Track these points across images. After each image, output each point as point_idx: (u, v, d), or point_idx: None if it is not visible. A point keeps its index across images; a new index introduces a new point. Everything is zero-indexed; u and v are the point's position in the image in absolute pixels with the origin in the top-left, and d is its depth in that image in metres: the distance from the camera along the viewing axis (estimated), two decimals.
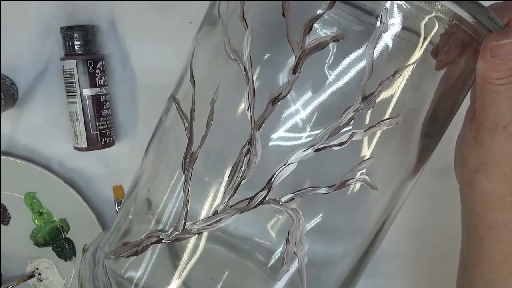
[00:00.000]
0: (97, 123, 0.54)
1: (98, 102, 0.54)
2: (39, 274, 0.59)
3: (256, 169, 0.31)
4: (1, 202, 0.58)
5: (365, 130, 0.31)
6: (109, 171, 0.58)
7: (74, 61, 0.53)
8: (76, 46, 0.53)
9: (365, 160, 0.32)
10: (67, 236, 0.58)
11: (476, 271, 0.37)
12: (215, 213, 0.32)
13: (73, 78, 0.53)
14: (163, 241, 0.33)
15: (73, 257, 0.59)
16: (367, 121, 0.31)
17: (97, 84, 0.53)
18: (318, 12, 0.30)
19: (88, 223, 0.57)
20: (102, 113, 0.54)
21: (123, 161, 0.58)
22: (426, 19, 0.30)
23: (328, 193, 0.32)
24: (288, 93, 0.31)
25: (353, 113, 0.31)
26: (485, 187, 0.34)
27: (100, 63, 0.54)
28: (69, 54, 0.53)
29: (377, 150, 0.32)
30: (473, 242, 0.36)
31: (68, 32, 0.53)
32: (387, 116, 0.31)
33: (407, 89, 0.31)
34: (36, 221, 0.58)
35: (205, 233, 0.33)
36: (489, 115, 0.31)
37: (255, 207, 0.32)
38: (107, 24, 0.55)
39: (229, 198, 0.32)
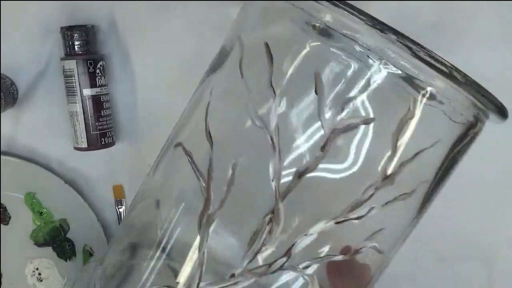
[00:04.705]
0: (97, 123, 0.54)
1: (98, 102, 0.54)
2: (39, 274, 0.59)
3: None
4: (1, 202, 0.58)
5: (382, 206, 0.32)
6: (109, 171, 0.58)
7: (74, 61, 0.53)
8: (76, 46, 0.53)
9: (378, 231, 0.33)
10: (67, 236, 0.58)
11: None
12: (232, 276, 0.32)
13: (73, 78, 0.53)
14: None
15: (73, 257, 0.59)
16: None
17: (97, 84, 0.53)
18: (351, 95, 0.30)
19: (88, 223, 0.57)
20: (102, 113, 0.54)
21: (123, 161, 0.58)
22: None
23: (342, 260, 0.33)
24: (314, 169, 0.31)
25: (374, 190, 0.32)
26: None
27: (100, 63, 0.54)
28: (69, 54, 0.53)
29: (388, 220, 0.34)
30: None
31: (68, 32, 0.53)
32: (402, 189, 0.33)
33: (422, 165, 0.33)
34: (36, 221, 0.58)
35: None
36: None
37: (273, 272, 0.32)
38: (107, 24, 0.55)
39: (248, 263, 0.32)
